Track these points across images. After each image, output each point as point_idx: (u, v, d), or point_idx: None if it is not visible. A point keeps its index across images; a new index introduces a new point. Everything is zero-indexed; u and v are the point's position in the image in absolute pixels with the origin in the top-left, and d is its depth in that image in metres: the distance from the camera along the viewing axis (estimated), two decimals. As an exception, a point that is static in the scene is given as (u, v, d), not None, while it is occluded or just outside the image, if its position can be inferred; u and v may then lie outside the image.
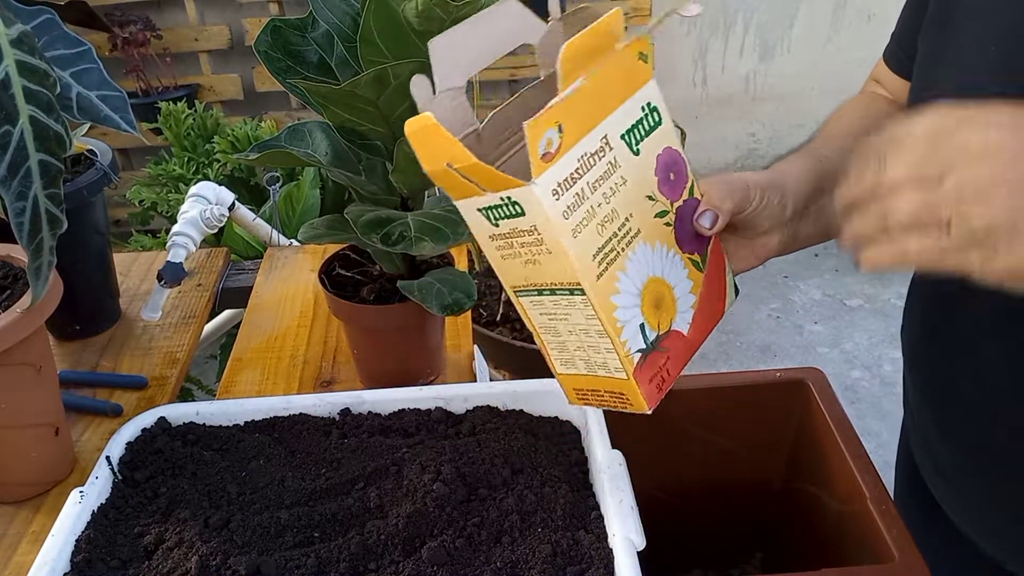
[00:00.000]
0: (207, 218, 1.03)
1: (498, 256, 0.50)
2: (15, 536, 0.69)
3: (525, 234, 0.47)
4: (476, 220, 0.48)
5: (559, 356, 0.54)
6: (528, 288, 0.51)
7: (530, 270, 0.49)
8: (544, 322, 0.52)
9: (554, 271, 0.48)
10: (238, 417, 0.68)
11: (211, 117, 2.04)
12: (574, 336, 0.51)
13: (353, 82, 0.58)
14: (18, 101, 0.56)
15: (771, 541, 0.86)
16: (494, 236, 0.48)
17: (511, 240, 0.48)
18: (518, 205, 0.45)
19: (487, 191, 0.45)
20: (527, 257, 0.48)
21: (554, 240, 0.46)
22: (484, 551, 0.56)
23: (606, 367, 0.51)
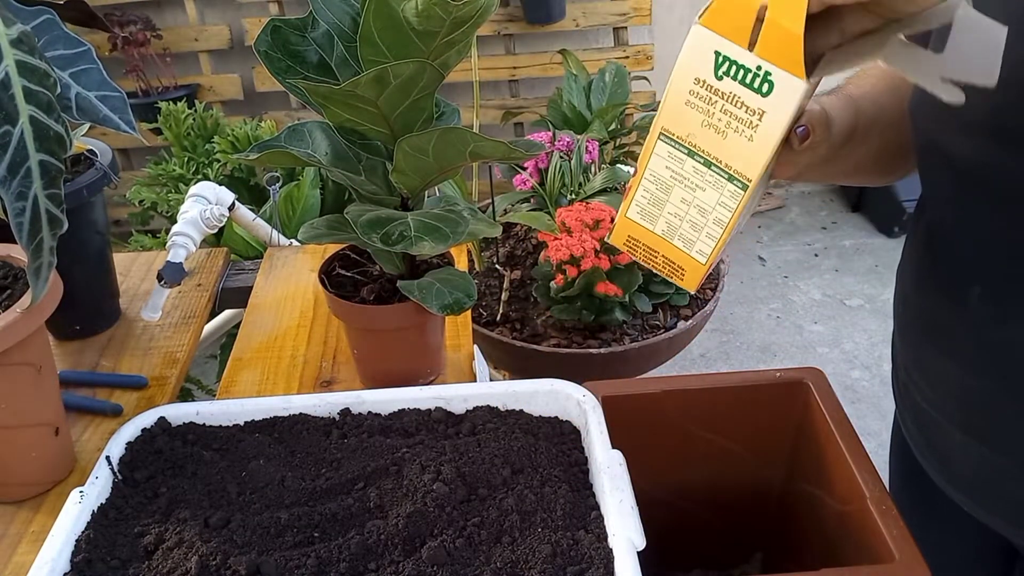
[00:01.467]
0: (207, 218, 1.03)
1: (683, 99, 0.48)
2: (15, 536, 0.69)
3: (742, 107, 0.47)
4: (699, 57, 0.47)
5: (643, 206, 0.54)
6: (680, 142, 0.50)
7: (706, 134, 0.49)
8: (662, 174, 0.52)
9: (735, 153, 0.48)
10: (238, 417, 0.68)
11: (211, 117, 2.04)
12: (684, 205, 0.52)
13: (353, 82, 0.58)
14: (18, 101, 0.56)
15: (771, 541, 0.86)
16: (701, 81, 0.47)
17: (717, 100, 0.47)
18: (770, 84, 0.45)
19: (754, 54, 0.45)
20: (717, 124, 0.48)
21: (769, 134, 0.46)
22: (484, 551, 0.56)
23: (691, 245, 0.53)
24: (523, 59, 2.56)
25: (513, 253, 1.98)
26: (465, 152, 0.63)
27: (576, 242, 1.58)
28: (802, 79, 0.44)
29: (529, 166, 1.89)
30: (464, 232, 0.67)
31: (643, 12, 2.50)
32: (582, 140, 1.89)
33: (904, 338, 0.71)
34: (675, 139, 0.50)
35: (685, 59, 0.48)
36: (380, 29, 0.59)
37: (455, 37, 0.61)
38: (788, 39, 0.44)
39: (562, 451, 0.65)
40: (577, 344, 1.68)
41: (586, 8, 2.49)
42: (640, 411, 0.76)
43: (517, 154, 0.64)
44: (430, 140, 0.62)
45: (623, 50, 2.55)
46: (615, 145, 2.15)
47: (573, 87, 2.24)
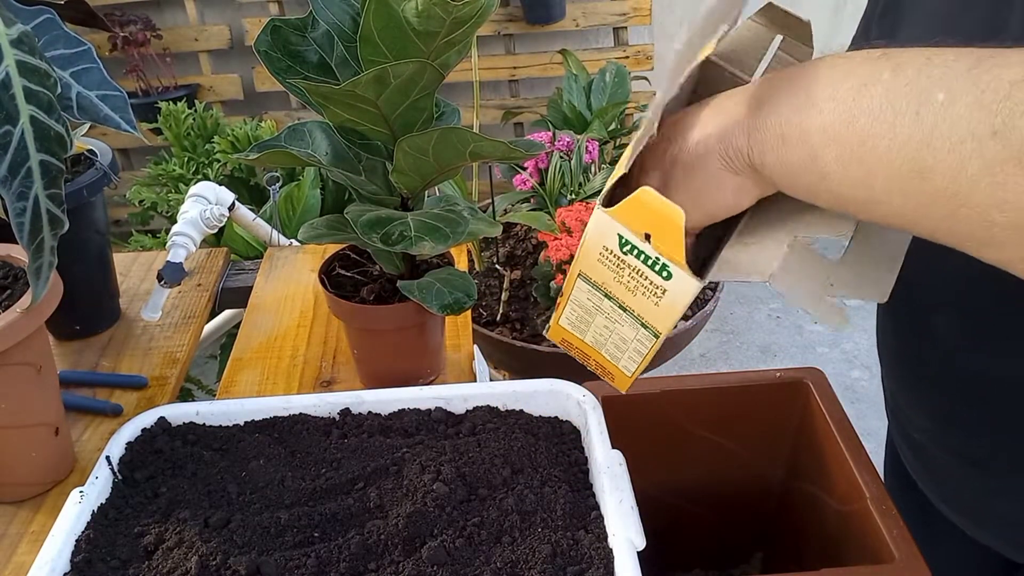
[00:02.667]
0: (207, 218, 1.03)
1: (595, 256, 0.50)
2: (15, 536, 0.69)
3: (646, 279, 0.48)
4: (605, 233, 0.48)
5: (572, 320, 0.56)
6: (596, 285, 0.52)
7: (617, 287, 0.50)
8: (585, 303, 0.54)
9: (645, 311, 0.50)
10: (238, 417, 0.68)
11: (211, 117, 2.04)
12: (607, 331, 0.54)
13: (353, 82, 0.58)
14: (18, 101, 0.56)
15: (771, 541, 0.86)
16: (608, 250, 0.49)
17: (624, 268, 0.49)
18: (669, 273, 0.47)
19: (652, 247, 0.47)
20: (627, 283, 0.49)
21: (672, 308, 0.48)
22: (484, 551, 0.56)
23: (618, 360, 0.55)
24: (523, 59, 2.56)
25: (513, 253, 1.98)
26: (465, 152, 0.63)
27: (576, 242, 1.58)
28: (696, 280, 0.46)
29: (529, 166, 1.89)
30: (464, 232, 0.67)
31: (643, 12, 2.50)
32: (582, 140, 1.89)
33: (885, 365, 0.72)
34: (592, 282, 0.52)
35: (594, 228, 0.49)
36: (380, 29, 0.59)
37: (455, 37, 0.61)
38: (674, 258, 0.46)
39: (562, 451, 0.65)
40: (577, 344, 1.68)
41: (586, 8, 2.49)
42: (640, 411, 0.76)
43: (517, 154, 0.64)
44: (430, 140, 0.62)
45: (623, 50, 2.55)
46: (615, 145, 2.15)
47: (573, 87, 2.24)
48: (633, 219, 0.46)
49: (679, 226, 0.44)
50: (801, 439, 0.78)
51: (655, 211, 0.45)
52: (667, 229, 0.45)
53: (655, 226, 0.46)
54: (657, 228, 0.46)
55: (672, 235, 0.45)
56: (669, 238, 0.45)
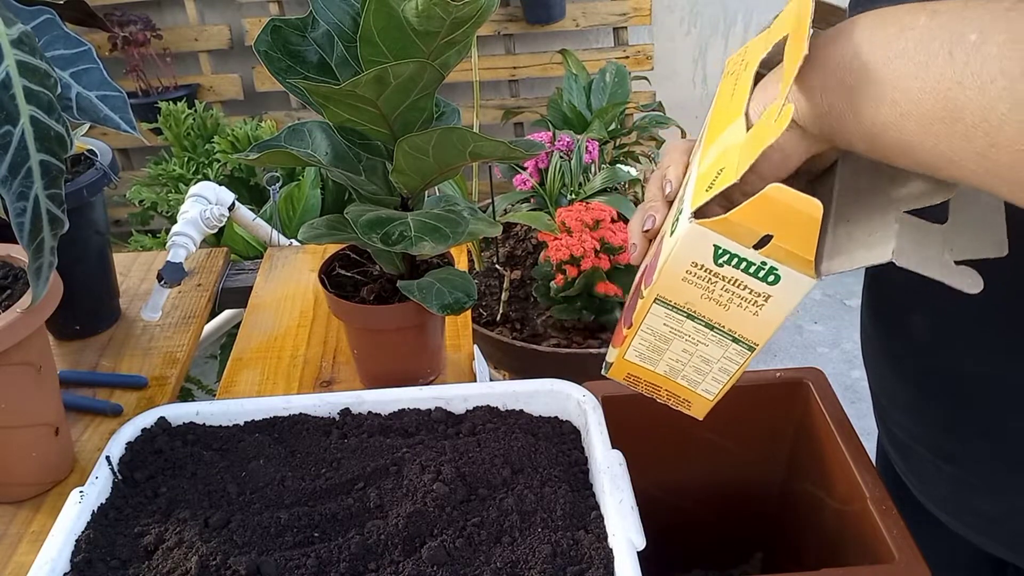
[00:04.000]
0: (207, 218, 1.03)
1: (679, 276, 0.47)
2: (15, 536, 0.69)
3: (745, 289, 0.46)
4: (696, 247, 0.45)
5: (642, 352, 0.54)
6: (677, 307, 0.49)
7: (705, 304, 0.48)
8: (660, 329, 0.51)
9: (739, 324, 0.48)
10: (238, 417, 0.68)
11: (211, 117, 2.04)
12: (686, 355, 0.52)
13: (353, 82, 0.58)
14: (19, 101, 0.56)
15: (771, 541, 0.85)
16: (698, 265, 0.46)
17: (717, 281, 0.46)
18: (776, 276, 0.44)
19: (760, 254, 0.44)
20: (719, 298, 0.47)
21: (775, 315, 0.46)
22: (484, 551, 0.56)
23: (697, 384, 0.53)
24: (523, 59, 2.56)
25: (513, 253, 1.98)
26: (465, 152, 0.63)
27: (576, 242, 1.58)
28: (812, 277, 0.44)
29: (529, 166, 1.89)
30: (464, 232, 0.67)
31: (643, 12, 2.50)
32: (582, 140, 1.89)
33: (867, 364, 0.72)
34: (672, 304, 0.49)
35: (681, 247, 0.46)
36: (380, 29, 0.59)
37: (455, 37, 0.61)
38: (797, 257, 0.43)
39: (562, 451, 0.65)
40: (577, 344, 1.68)
41: (586, 8, 2.49)
42: (640, 411, 0.75)
43: (517, 154, 0.64)
44: (430, 140, 0.62)
45: (623, 50, 2.55)
46: (615, 145, 2.15)
47: (573, 87, 2.24)
48: (749, 225, 0.43)
49: (816, 219, 0.41)
50: (801, 439, 0.78)
51: (788, 210, 0.42)
52: (801, 229, 0.42)
53: (782, 228, 0.42)
54: (785, 230, 0.42)
55: (807, 234, 0.42)
56: (801, 238, 0.42)
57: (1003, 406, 0.56)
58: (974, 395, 0.58)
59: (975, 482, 0.61)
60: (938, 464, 0.64)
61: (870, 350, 0.71)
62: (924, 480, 0.67)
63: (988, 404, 0.57)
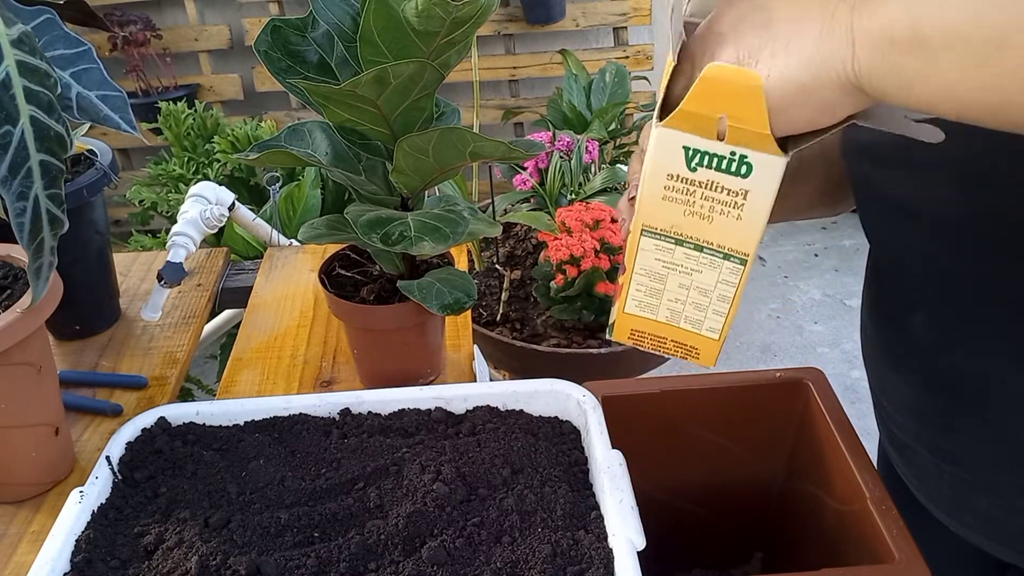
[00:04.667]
0: (207, 218, 1.03)
1: (658, 194, 0.48)
2: (15, 536, 0.69)
3: (723, 191, 0.46)
4: (668, 155, 0.46)
5: (641, 298, 0.54)
6: (664, 234, 0.50)
7: (689, 222, 0.48)
8: (653, 266, 0.52)
9: (725, 233, 0.48)
10: (238, 417, 0.68)
11: (211, 117, 2.04)
12: (683, 289, 0.52)
13: (353, 82, 0.58)
14: (19, 101, 0.56)
15: (771, 541, 0.85)
16: (674, 176, 0.47)
17: (695, 189, 0.47)
18: (748, 166, 0.45)
19: (725, 142, 0.44)
20: (700, 211, 0.47)
21: (758, 210, 0.46)
22: (484, 551, 0.56)
23: (700, 324, 0.53)
24: (523, 59, 2.56)
25: (513, 253, 1.98)
26: (465, 152, 0.63)
27: (576, 242, 1.58)
28: (782, 156, 0.44)
29: (529, 166, 1.89)
30: (464, 232, 0.67)
31: (643, 12, 2.50)
32: (582, 140, 1.90)
33: (868, 364, 0.72)
34: (659, 232, 0.50)
35: (654, 158, 0.47)
36: (380, 29, 0.59)
37: (455, 37, 0.61)
38: (757, 135, 0.44)
39: (562, 451, 0.65)
40: (577, 344, 1.68)
41: (586, 8, 2.49)
42: (640, 411, 0.76)
43: (517, 154, 0.64)
44: (430, 140, 0.62)
45: (623, 50, 2.55)
46: (615, 145, 2.15)
47: (573, 87, 2.24)
48: (702, 111, 0.44)
49: (759, 91, 0.41)
50: (801, 439, 0.78)
51: (728, 85, 0.42)
52: (746, 101, 0.42)
53: (731, 105, 0.43)
54: (734, 106, 0.43)
55: (753, 105, 0.42)
56: (750, 111, 0.42)
57: (1003, 406, 0.57)
58: (974, 395, 0.58)
59: (975, 482, 0.61)
60: (938, 464, 0.64)
61: (870, 350, 0.71)
62: (925, 481, 0.67)
63: (988, 404, 0.57)
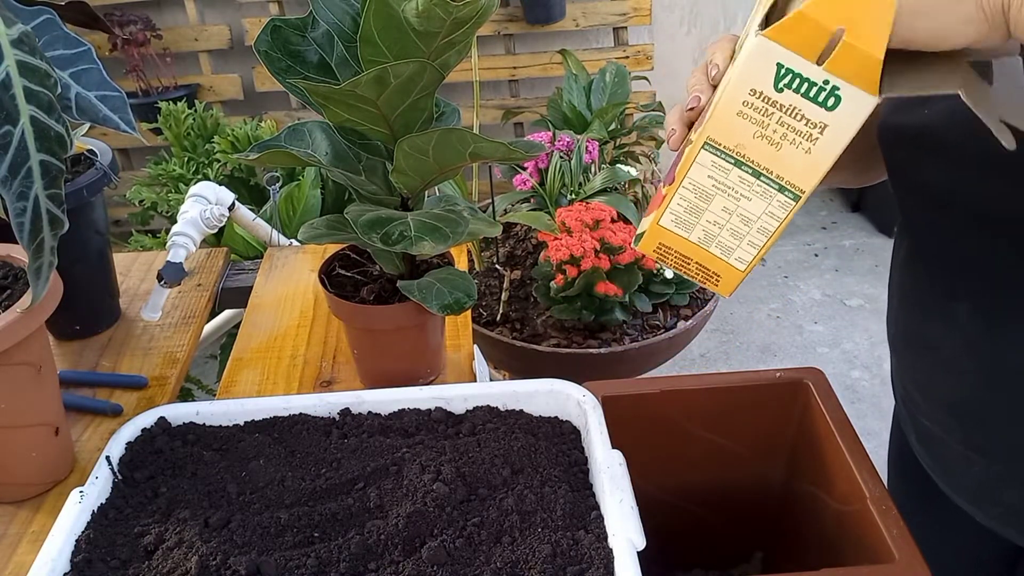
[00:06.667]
0: (207, 218, 1.03)
1: (734, 110, 0.46)
2: (15, 536, 0.69)
3: (801, 119, 0.45)
4: (759, 68, 0.44)
5: (679, 214, 0.52)
6: (726, 151, 0.48)
7: (758, 145, 0.47)
8: (703, 183, 0.50)
9: (789, 165, 0.46)
10: (238, 417, 0.68)
11: (211, 117, 2.04)
12: (725, 213, 0.51)
13: (353, 82, 0.58)
14: (19, 101, 0.56)
15: (771, 541, 0.85)
16: (757, 92, 0.45)
17: (774, 111, 0.45)
18: (837, 98, 0.43)
19: (823, 69, 0.42)
20: (772, 135, 0.46)
21: (829, 147, 0.45)
22: (484, 551, 0.56)
23: (730, 252, 0.52)
24: (523, 59, 2.56)
25: (513, 253, 1.98)
26: (465, 152, 0.63)
27: (576, 242, 1.58)
28: (874, 95, 0.43)
29: (529, 166, 1.89)
30: (464, 232, 0.67)
31: (643, 12, 2.50)
32: (582, 140, 1.89)
33: (898, 354, 0.72)
34: (721, 149, 0.48)
35: (743, 70, 0.45)
36: (380, 29, 0.59)
37: (455, 37, 0.61)
38: (865, 60, 0.42)
39: (562, 451, 0.65)
40: (577, 344, 1.68)
41: (586, 8, 2.49)
42: (640, 411, 0.76)
43: (517, 154, 0.64)
44: (430, 140, 0.62)
45: (623, 50, 2.54)
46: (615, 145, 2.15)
47: (573, 87, 2.24)
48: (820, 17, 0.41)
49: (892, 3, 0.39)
50: (801, 439, 0.78)
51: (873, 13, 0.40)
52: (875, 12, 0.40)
53: (855, 15, 0.40)
54: (857, 16, 0.40)
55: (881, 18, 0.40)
56: (874, 25, 0.40)
57: None
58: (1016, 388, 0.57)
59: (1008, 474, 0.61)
60: (969, 455, 0.63)
61: (901, 340, 0.70)
62: (951, 471, 0.67)
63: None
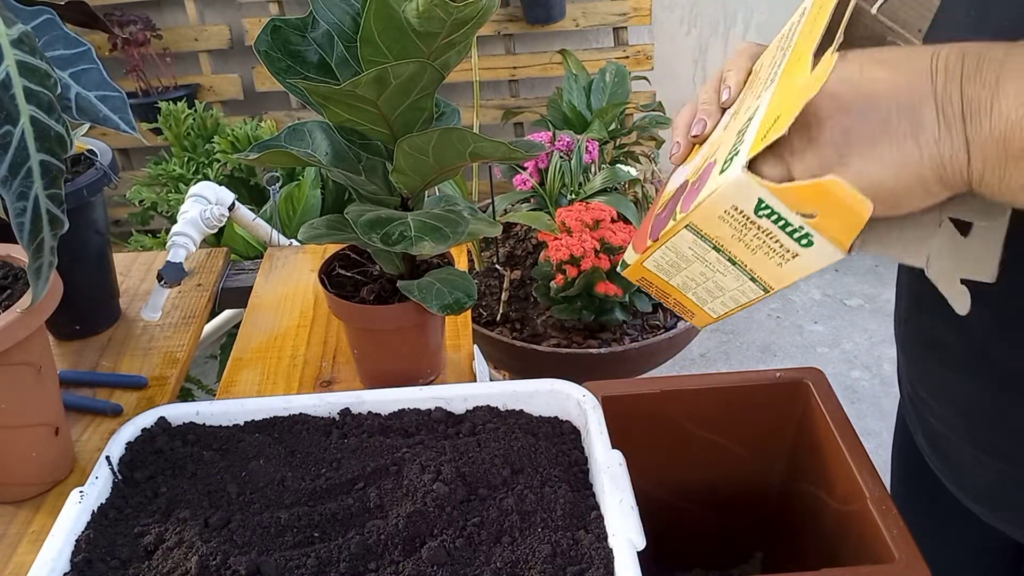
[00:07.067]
0: (207, 218, 1.03)
1: (716, 213, 0.47)
2: (15, 536, 0.69)
3: (776, 243, 0.45)
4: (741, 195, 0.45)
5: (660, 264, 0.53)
6: (706, 237, 0.49)
7: (734, 243, 0.47)
8: (683, 251, 0.51)
9: (762, 267, 0.47)
10: (238, 417, 0.68)
11: (211, 117, 2.04)
12: (702, 277, 0.52)
13: (353, 82, 0.58)
14: (19, 101, 0.56)
15: (771, 541, 0.85)
16: (738, 209, 0.45)
17: (751, 228, 0.46)
18: (809, 241, 0.44)
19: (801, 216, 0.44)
20: (749, 242, 0.46)
21: (798, 271, 0.46)
22: (484, 551, 0.56)
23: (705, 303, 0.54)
24: (523, 59, 2.56)
25: (513, 253, 1.98)
26: (465, 152, 0.63)
27: (576, 242, 1.58)
28: (844, 252, 0.44)
29: (529, 166, 1.89)
30: (464, 232, 0.67)
31: (643, 12, 2.50)
32: (582, 140, 1.89)
33: (907, 355, 0.71)
34: (702, 234, 0.49)
35: (723, 193, 0.45)
36: (380, 30, 0.59)
37: (455, 38, 0.61)
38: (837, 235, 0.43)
39: (562, 451, 0.65)
40: (577, 344, 1.68)
41: (586, 8, 2.49)
42: (640, 411, 0.76)
43: (517, 154, 0.64)
44: (430, 140, 0.62)
45: (623, 50, 2.54)
46: (615, 145, 2.15)
47: (573, 87, 2.24)
48: (800, 201, 0.43)
49: (864, 218, 0.41)
50: (801, 439, 0.78)
51: (839, 203, 0.41)
52: (847, 220, 0.42)
53: (831, 214, 0.42)
54: (833, 216, 0.42)
55: (851, 225, 0.42)
56: (845, 227, 0.42)
57: None
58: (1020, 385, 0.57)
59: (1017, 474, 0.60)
60: (979, 457, 0.63)
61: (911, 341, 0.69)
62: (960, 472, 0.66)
63: None
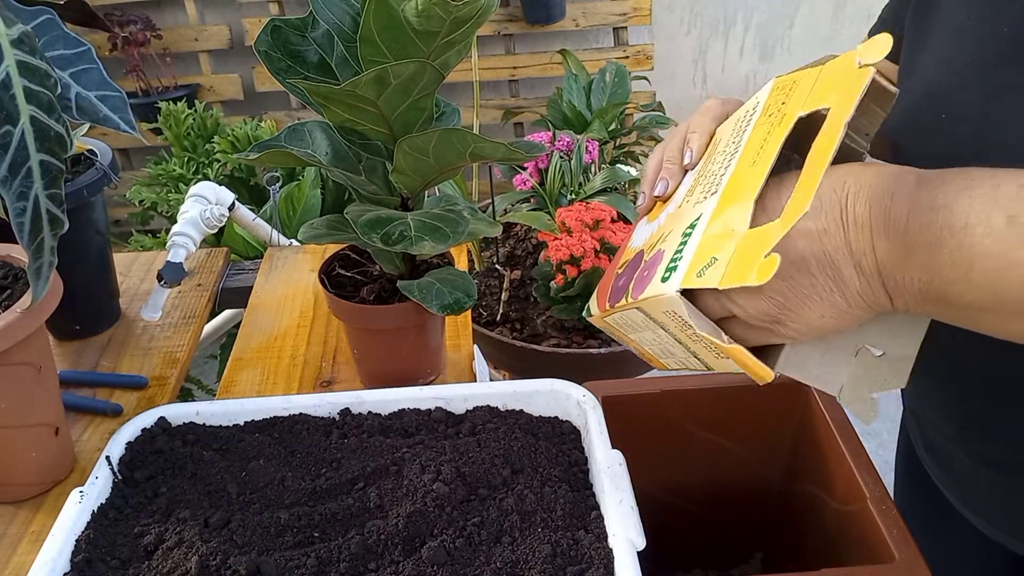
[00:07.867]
0: (207, 218, 1.03)
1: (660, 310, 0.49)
2: (15, 536, 0.69)
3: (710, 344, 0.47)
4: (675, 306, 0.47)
5: (620, 323, 0.56)
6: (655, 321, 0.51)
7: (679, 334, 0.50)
8: (636, 322, 0.54)
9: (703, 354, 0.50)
10: (238, 417, 0.68)
11: (211, 117, 2.04)
12: (655, 343, 0.55)
13: (353, 82, 0.58)
14: (19, 101, 0.56)
15: (771, 541, 0.86)
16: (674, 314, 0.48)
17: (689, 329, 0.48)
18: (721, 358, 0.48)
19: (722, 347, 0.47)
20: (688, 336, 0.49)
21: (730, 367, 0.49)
22: (484, 551, 0.56)
23: (661, 357, 0.57)
24: (523, 59, 2.56)
25: (513, 253, 1.98)
26: (465, 153, 0.63)
27: (576, 242, 1.58)
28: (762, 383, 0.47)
29: (529, 166, 1.89)
30: (464, 232, 0.67)
31: (643, 12, 2.50)
32: (582, 140, 1.89)
33: None
34: (651, 318, 0.51)
35: (663, 300, 0.47)
36: (380, 29, 0.59)
37: (455, 37, 0.61)
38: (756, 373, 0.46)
39: (562, 451, 0.65)
40: (577, 344, 1.68)
41: (586, 8, 2.49)
42: (640, 411, 0.76)
43: (517, 155, 0.64)
44: (430, 140, 0.62)
45: (623, 50, 2.55)
46: (615, 145, 2.15)
47: (573, 87, 2.24)
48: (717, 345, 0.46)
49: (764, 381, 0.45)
50: (801, 439, 0.78)
51: (743, 363, 0.45)
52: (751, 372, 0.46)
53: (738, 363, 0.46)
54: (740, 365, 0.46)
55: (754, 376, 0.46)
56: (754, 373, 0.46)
57: None
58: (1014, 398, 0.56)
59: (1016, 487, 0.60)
60: (976, 468, 0.62)
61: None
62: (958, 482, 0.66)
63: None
